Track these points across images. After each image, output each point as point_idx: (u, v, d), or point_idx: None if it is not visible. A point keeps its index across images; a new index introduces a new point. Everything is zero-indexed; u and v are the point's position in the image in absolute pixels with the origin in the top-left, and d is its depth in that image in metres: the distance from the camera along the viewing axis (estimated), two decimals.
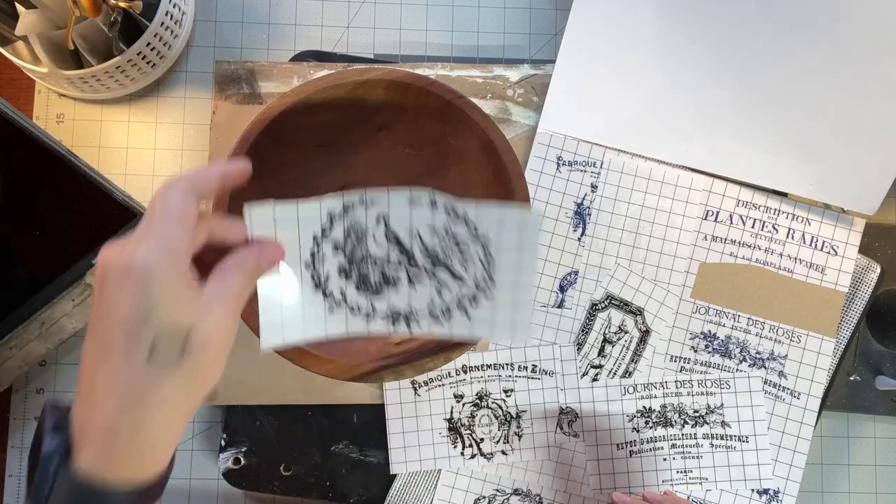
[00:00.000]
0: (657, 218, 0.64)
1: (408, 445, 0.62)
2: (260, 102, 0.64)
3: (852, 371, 0.66)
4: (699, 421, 0.63)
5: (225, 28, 0.67)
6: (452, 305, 0.47)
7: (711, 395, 0.63)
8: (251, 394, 0.61)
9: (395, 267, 0.47)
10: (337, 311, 0.46)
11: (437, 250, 0.46)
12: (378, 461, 0.63)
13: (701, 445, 0.63)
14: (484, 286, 0.46)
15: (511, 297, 0.46)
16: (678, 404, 0.63)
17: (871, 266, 0.65)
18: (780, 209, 0.65)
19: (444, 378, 0.62)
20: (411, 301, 0.47)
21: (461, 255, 0.46)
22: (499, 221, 0.45)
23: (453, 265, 0.46)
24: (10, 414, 0.63)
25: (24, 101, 0.65)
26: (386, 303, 0.47)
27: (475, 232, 0.46)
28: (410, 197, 0.45)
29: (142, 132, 0.66)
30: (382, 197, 0.45)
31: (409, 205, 0.45)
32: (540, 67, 0.66)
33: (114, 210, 0.52)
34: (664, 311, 0.64)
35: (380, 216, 0.46)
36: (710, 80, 0.64)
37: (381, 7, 0.69)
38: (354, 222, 0.45)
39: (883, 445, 0.68)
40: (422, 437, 0.62)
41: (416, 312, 0.47)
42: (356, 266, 0.46)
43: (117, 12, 0.59)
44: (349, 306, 0.46)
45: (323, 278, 0.46)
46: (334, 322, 0.46)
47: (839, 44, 0.63)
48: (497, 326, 0.46)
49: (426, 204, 0.45)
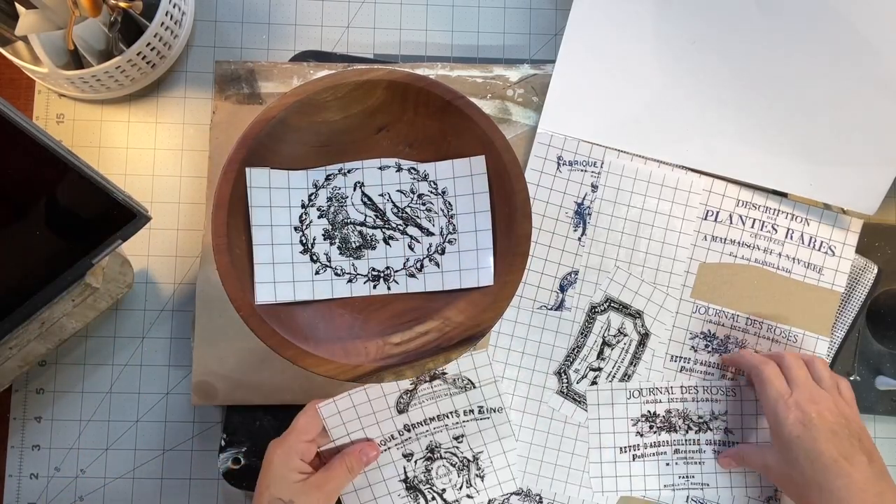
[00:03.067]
0: (657, 220, 0.64)
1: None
2: (260, 102, 0.64)
3: (852, 371, 0.66)
4: (703, 427, 0.63)
5: (225, 28, 0.67)
6: (424, 260, 0.55)
7: (717, 402, 0.63)
8: (251, 394, 0.61)
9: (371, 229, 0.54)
10: (322, 274, 0.54)
11: (406, 209, 0.54)
12: None
13: (704, 451, 0.62)
14: (448, 233, 0.54)
15: (473, 240, 0.54)
16: (683, 409, 0.63)
17: (869, 266, 0.65)
18: (779, 209, 0.65)
19: (388, 441, 0.59)
20: (388, 260, 0.54)
21: (426, 211, 0.54)
22: (453, 171, 0.54)
23: (421, 220, 0.54)
24: (10, 414, 0.63)
25: (24, 101, 0.65)
26: (366, 264, 0.54)
27: (435, 187, 0.54)
28: (380, 164, 0.54)
29: (142, 132, 0.66)
30: (358, 166, 0.54)
31: (379, 171, 0.54)
32: (540, 67, 0.66)
33: (114, 210, 0.52)
34: (663, 314, 0.64)
35: (356, 183, 0.54)
36: (710, 80, 0.64)
37: (381, 7, 0.69)
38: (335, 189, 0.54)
39: (883, 445, 0.68)
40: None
41: (392, 271, 0.55)
42: (339, 230, 0.54)
43: (117, 12, 0.59)
44: (333, 269, 0.54)
45: (310, 242, 0.54)
46: (321, 285, 0.54)
47: (839, 43, 0.63)
48: (464, 274, 0.54)
49: (393, 169, 0.54)
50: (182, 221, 0.65)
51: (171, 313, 0.65)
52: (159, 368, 0.64)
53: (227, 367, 0.61)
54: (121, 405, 0.64)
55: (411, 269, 0.54)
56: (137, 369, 0.64)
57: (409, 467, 0.60)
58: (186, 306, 0.65)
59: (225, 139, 0.63)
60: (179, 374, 0.64)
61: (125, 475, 0.64)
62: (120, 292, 0.61)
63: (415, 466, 0.60)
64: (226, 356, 0.61)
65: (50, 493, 0.63)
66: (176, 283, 0.65)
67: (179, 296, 0.65)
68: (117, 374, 0.64)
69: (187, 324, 0.64)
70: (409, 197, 0.54)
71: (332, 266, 0.54)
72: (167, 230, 0.65)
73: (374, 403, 0.57)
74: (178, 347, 0.64)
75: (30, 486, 0.63)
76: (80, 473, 0.63)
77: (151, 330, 0.64)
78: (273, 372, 0.61)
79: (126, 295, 0.64)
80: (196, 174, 0.66)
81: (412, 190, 0.54)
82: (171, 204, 0.65)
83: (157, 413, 0.64)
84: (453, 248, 0.54)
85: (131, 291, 0.64)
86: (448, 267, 0.54)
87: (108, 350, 0.64)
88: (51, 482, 0.63)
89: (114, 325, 0.64)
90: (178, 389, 0.64)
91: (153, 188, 0.65)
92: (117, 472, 0.64)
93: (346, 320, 0.55)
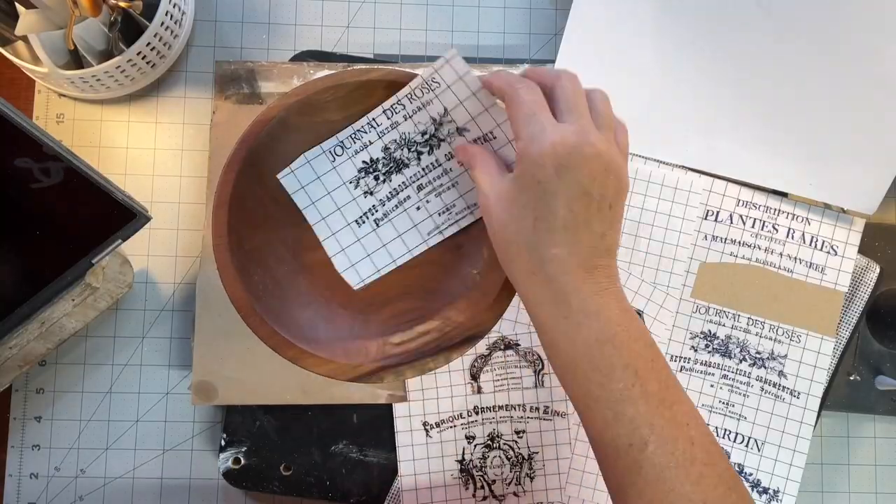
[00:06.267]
0: (657, 220, 0.64)
1: (419, 487, 0.61)
2: (260, 102, 0.64)
3: (852, 371, 0.66)
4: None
5: (225, 28, 0.67)
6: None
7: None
8: (251, 394, 0.61)
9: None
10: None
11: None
12: (378, 461, 0.63)
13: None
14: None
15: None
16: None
17: (871, 266, 0.65)
18: (780, 209, 0.65)
19: (455, 420, 0.61)
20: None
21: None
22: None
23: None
24: (10, 414, 0.63)
25: (24, 101, 0.65)
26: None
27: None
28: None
29: (142, 132, 0.66)
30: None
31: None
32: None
33: (114, 210, 0.52)
34: (663, 314, 0.64)
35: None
36: (711, 80, 0.64)
37: (381, 7, 0.69)
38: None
39: (883, 445, 0.68)
40: (433, 479, 0.61)
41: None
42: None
43: (117, 12, 0.59)
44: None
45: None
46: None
47: (840, 42, 0.63)
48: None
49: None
50: (182, 221, 0.65)
51: (171, 313, 0.65)
52: (159, 368, 0.64)
53: (227, 367, 0.61)
54: (121, 405, 0.64)
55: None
56: (137, 369, 0.64)
57: (469, 450, 0.61)
58: (186, 306, 0.65)
59: (225, 139, 0.63)
60: (179, 374, 0.64)
61: (125, 475, 0.64)
62: (120, 292, 0.61)
63: (473, 450, 0.61)
64: (226, 356, 0.61)
65: (50, 493, 0.63)
66: (176, 283, 0.65)
67: (179, 296, 0.65)
68: (117, 374, 0.64)
69: (187, 324, 0.64)
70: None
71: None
72: (167, 230, 0.65)
73: (452, 376, 0.59)
74: (178, 347, 0.64)
75: (30, 486, 0.63)
76: (80, 473, 0.63)
77: (151, 330, 0.64)
78: (273, 372, 0.61)
79: (126, 295, 0.64)
80: (196, 174, 0.66)
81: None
82: (171, 204, 0.65)
83: (157, 413, 0.64)
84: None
85: (131, 291, 0.64)
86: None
87: (108, 350, 0.64)
88: (51, 482, 0.63)
89: (114, 325, 0.64)
90: (178, 389, 0.64)
91: (153, 188, 0.65)
92: (117, 472, 0.64)
93: (346, 320, 0.55)
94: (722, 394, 0.64)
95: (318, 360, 0.51)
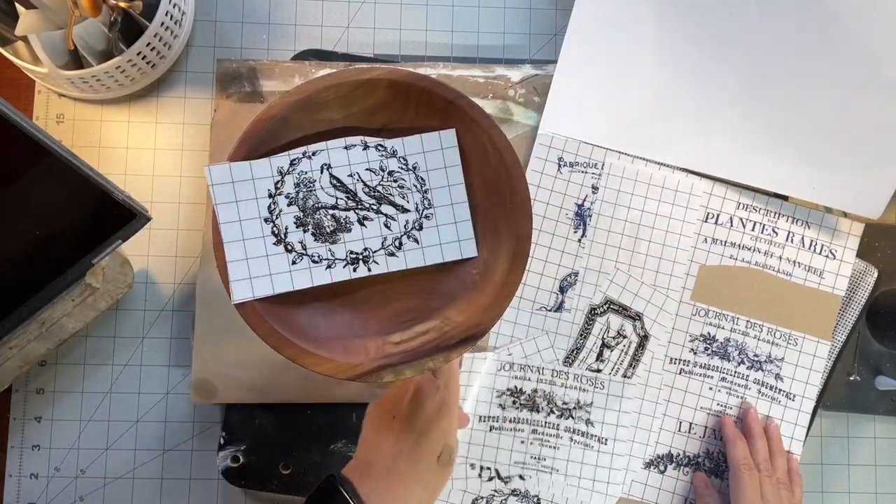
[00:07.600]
0: (657, 223, 0.64)
1: None
2: (261, 101, 0.64)
3: (852, 371, 0.66)
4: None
5: (225, 28, 0.67)
6: (402, 237, 0.53)
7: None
8: (250, 393, 0.61)
9: (344, 211, 0.52)
10: (300, 263, 0.52)
11: (377, 187, 0.52)
12: None
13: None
14: (424, 208, 0.52)
15: (451, 213, 0.53)
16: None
17: (869, 270, 0.65)
18: (779, 212, 0.65)
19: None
20: (365, 241, 0.52)
21: (399, 187, 0.52)
22: (423, 146, 0.52)
23: (394, 198, 0.52)
24: (10, 414, 0.63)
25: (24, 101, 0.65)
26: (343, 247, 0.52)
27: (405, 163, 0.52)
28: (346, 143, 0.52)
29: (142, 132, 0.66)
30: (322, 147, 0.52)
31: (346, 150, 0.52)
32: (542, 68, 0.66)
33: (114, 210, 0.52)
34: (663, 317, 0.64)
35: (323, 165, 0.52)
36: (712, 82, 0.64)
37: (381, 7, 0.69)
38: (302, 174, 0.51)
39: (883, 445, 0.68)
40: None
41: (371, 252, 0.53)
42: (310, 216, 0.52)
43: (117, 12, 0.59)
44: (310, 257, 0.52)
45: (282, 231, 0.51)
46: (299, 275, 0.52)
47: (841, 45, 0.63)
48: (445, 248, 0.53)
49: (360, 147, 0.52)
50: (182, 221, 0.65)
51: (171, 313, 0.65)
52: (159, 368, 0.64)
53: (227, 366, 0.61)
54: (121, 405, 0.64)
55: (390, 247, 0.53)
56: (137, 369, 0.64)
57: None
58: (186, 306, 0.64)
59: (226, 137, 0.63)
60: (179, 374, 0.64)
61: (125, 475, 0.64)
62: (120, 292, 0.61)
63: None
64: (225, 355, 0.61)
65: (50, 493, 0.63)
66: (176, 283, 0.65)
67: (179, 296, 0.65)
68: (117, 374, 0.64)
69: (187, 324, 0.64)
70: (379, 175, 0.53)
71: (309, 254, 0.52)
72: (167, 230, 0.65)
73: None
74: (178, 347, 0.64)
75: (30, 486, 0.63)
76: (80, 473, 0.63)
77: (151, 330, 0.64)
78: (272, 370, 0.61)
79: (126, 295, 0.64)
80: (196, 174, 0.66)
81: (382, 167, 0.53)
82: (171, 204, 0.65)
83: (157, 413, 0.64)
84: (431, 222, 0.53)
85: (131, 291, 0.64)
86: (428, 242, 0.53)
87: (108, 350, 0.64)
88: (51, 482, 0.63)
89: (114, 325, 0.64)
90: (178, 389, 0.64)
91: (153, 188, 0.65)
92: (117, 472, 0.64)
93: (346, 319, 0.55)
94: (720, 396, 0.64)
95: (318, 359, 0.51)
